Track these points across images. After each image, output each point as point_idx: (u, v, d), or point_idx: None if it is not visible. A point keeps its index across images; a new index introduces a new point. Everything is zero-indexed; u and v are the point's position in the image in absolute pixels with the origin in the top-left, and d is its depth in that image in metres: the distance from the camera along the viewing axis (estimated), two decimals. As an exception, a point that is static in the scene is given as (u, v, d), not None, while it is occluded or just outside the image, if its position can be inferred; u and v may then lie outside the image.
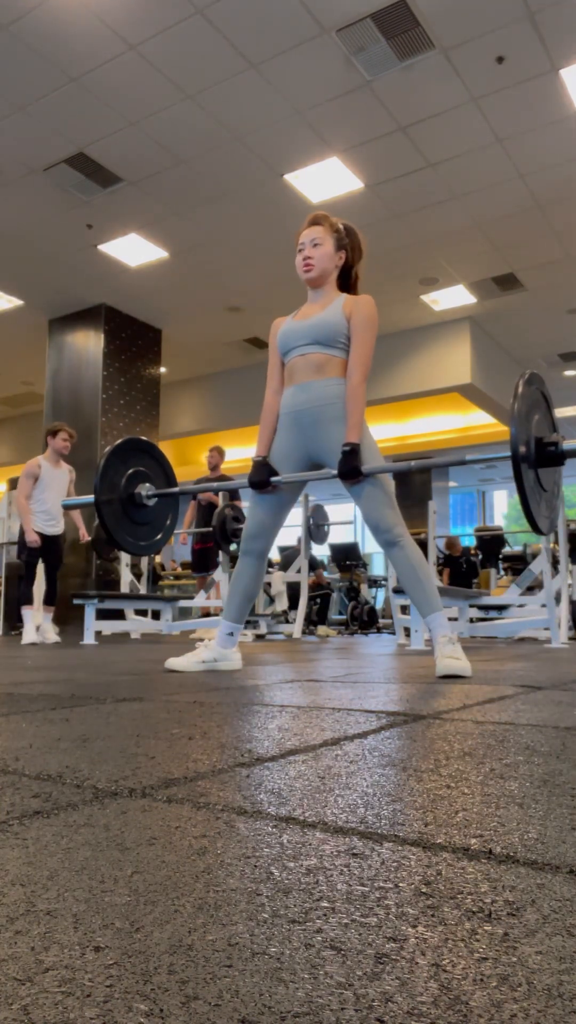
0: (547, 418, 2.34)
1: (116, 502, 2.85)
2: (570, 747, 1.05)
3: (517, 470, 2.09)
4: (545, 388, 2.37)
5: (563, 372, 11.24)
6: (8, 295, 8.93)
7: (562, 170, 6.37)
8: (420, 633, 4.48)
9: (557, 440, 2.22)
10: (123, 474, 2.88)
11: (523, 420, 2.13)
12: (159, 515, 3.02)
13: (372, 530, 2.44)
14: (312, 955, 0.41)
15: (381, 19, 4.76)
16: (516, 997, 0.36)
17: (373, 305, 2.51)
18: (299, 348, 2.52)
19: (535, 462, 2.19)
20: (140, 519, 2.93)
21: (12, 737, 1.16)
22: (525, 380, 2.22)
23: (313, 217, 2.59)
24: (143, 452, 3.01)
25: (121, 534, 2.83)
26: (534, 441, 2.19)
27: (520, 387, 2.17)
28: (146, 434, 9.58)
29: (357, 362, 2.45)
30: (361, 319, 2.47)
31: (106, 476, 2.82)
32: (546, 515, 2.27)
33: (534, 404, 2.24)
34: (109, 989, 0.37)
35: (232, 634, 2.68)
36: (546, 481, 2.25)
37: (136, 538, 2.91)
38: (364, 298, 2.53)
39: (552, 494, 2.33)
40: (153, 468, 3.02)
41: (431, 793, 0.78)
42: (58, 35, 4.95)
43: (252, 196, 6.78)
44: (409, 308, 9.20)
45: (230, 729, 1.22)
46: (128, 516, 2.87)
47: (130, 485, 2.90)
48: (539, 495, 2.21)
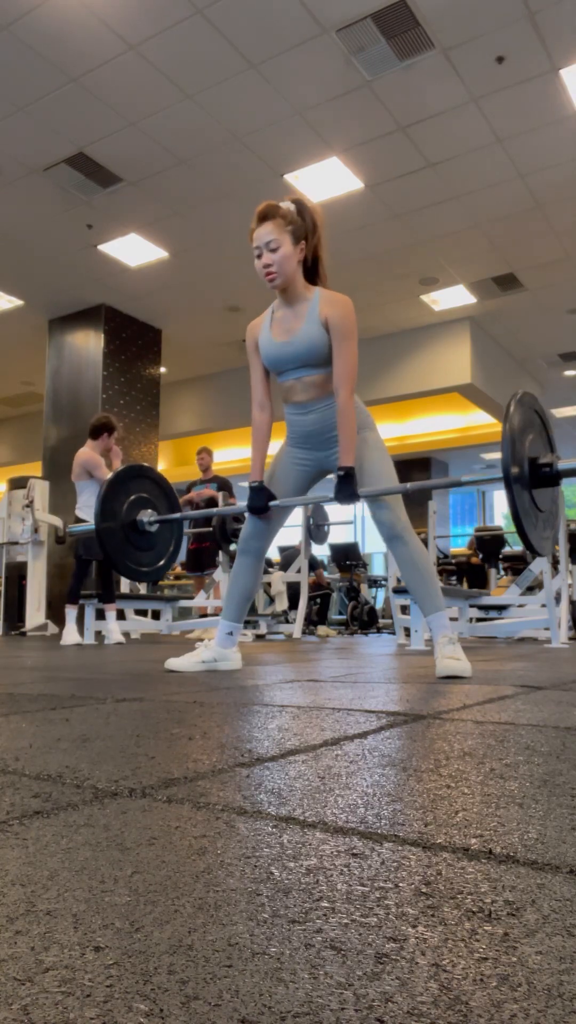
0: (542, 437, 2.28)
1: (118, 529, 2.84)
2: (570, 747, 1.05)
3: (510, 492, 2.04)
4: (540, 406, 2.32)
5: (563, 372, 11.24)
6: (8, 295, 8.93)
7: (562, 170, 6.37)
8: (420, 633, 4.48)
9: (552, 461, 2.16)
10: (125, 501, 2.88)
11: (514, 441, 2.08)
12: (162, 541, 3.02)
13: (377, 526, 2.45)
14: (312, 955, 0.41)
15: (381, 19, 4.76)
16: (516, 997, 0.36)
17: (350, 306, 2.38)
18: (291, 372, 2.46)
19: (529, 483, 2.14)
20: (143, 545, 2.93)
21: (12, 737, 1.16)
22: (517, 400, 2.16)
23: (262, 212, 2.36)
24: (145, 478, 3.01)
25: (123, 561, 2.83)
26: (527, 462, 2.14)
27: (511, 407, 2.12)
28: (146, 434, 9.59)
29: (342, 377, 2.36)
30: (339, 330, 2.35)
31: (107, 503, 2.82)
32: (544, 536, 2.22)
33: (527, 424, 2.18)
34: (109, 989, 0.37)
35: (232, 634, 2.68)
36: (542, 501, 2.20)
37: (139, 564, 2.92)
38: (339, 301, 2.38)
39: (550, 514, 2.28)
40: (155, 494, 3.01)
41: (431, 793, 0.78)
42: (58, 35, 4.95)
43: (252, 196, 6.77)
44: (409, 308, 9.20)
45: (230, 729, 1.22)
46: (131, 542, 2.87)
47: (132, 512, 2.90)
48: (535, 516, 2.16)
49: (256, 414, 2.53)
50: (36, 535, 7.69)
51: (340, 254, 7.83)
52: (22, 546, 7.84)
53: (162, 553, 3.02)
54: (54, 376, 9.48)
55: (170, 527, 3.04)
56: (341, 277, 8.34)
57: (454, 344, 9.47)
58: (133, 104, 5.63)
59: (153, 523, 2.93)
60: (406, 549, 2.39)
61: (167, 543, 3.05)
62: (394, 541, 2.41)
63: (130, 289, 8.73)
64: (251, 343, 2.54)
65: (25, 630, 7.55)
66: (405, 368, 9.81)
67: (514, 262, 7.99)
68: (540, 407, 2.31)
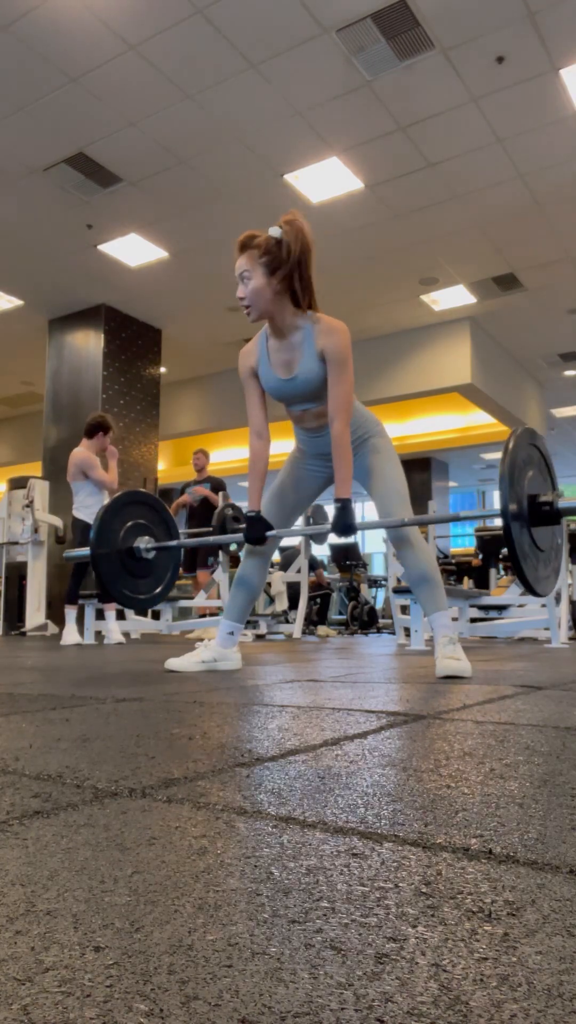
0: (543, 474, 2.21)
1: (114, 556, 2.78)
2: (570, 747, 1.05)
3: (507, 532, 1.98)
4: (540, 442, 2.22)
5: (563, 372, 11.24)
6: (8, 295, 8.93)
7: (562, 170, 6.37)
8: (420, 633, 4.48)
9: (552, 499, 2.09)
10: (121, 528, 2.83)
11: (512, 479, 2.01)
12: (160, 567, 2.96)
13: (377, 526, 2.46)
14: (312, 955, 0.41)
15: (381, 19, 4.76)
16: (516, 997, 0.36)
17: (345, 334, 2.30)
18: (299, 405, 2.44)
19: (528, 521, 2.08)
20: (139, 572, 2.87)
21: (12, 737, 1.16)
22: (516, 436, 2.09)
23: (240, 242, 2.32)
24: (142, 504, 2.96)
25: (119, 589, 2.76)
26: (527, 500, 2.07)
27: (510, 445, 2.05)
28: (146, 434, 9.59)
29: (337, 409, 2.30)
30: (334, 359, 2.29)
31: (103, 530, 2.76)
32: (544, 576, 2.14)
33: (527, 461, 2.11)
34: (109, 989, 0.37)
35: (232, 634, 2.68)
36: (542, 540, 2.13)
37: (136, 592, 2.84)
38: (334, 330, 2.29)
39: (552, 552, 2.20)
40: (153, 520, 2.96)
41: (431, 793, 0.78)
42: (58, 35, 4.95)
43: (252, 196, 6.78)
44: (409, 308, 9.20)
45: (230, 729, 1.22)
46: (127, 570, 2.81)
47: (129, 538, 2.85)
48: (535, 557, 2.09)
49: (254, 443, 2.47)
50: (36, 535, 7.69)
51: (340, 254, 7.83)
52: (22, 546, 7.84)
53: (160, 579, 2.96)
54: (54, 376, 9.48)
55: (168, 553, 2.99)
56: (341, 277, 8.35)
57: (454, 344, 9.47)
58: (133, 104, 5.63)
59: (150, 550, 2.87)
60: (414, 553, 2.41)
61: (165, 569, 2.99)
62: (400, 542, 2.42)
63: (130, 289, 8.73)
64: (245, 371, 2.47)
65: (25, 630, 7.55)
66: (405, 368, 9.81)
67: (514, 262, 7.99)
68: (541, 442, 2.24)
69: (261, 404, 2.48)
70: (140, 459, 9.43)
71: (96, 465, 5.46)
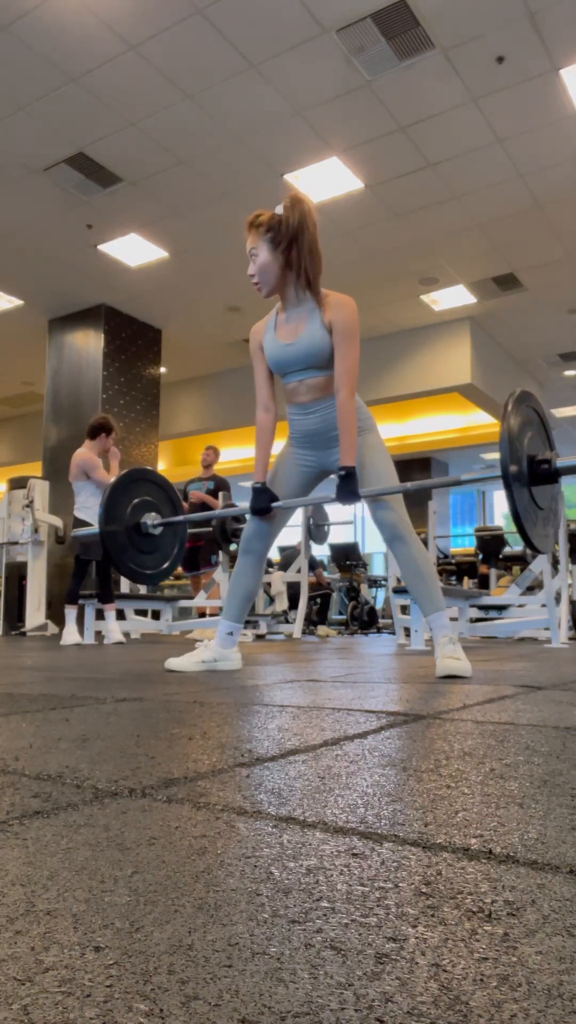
0: (541, 435, 2.27)
1: (122, 532, 2.85)
2: (570, 747, 1.05)
3: (509, 490, 2.03)
4: (538, 405, 2.30)
5: (563, 372, 11.24)
6: (8, 295, 8.93)
7: (562, 170, 6.37)
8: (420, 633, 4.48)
9: (551, 458, 2.16)
10: (128, 504, 2.89)
11: (513, 439, 2.07)
12: (166, 543, 3.02)
13: (378, 526, 2.46)
14: (312, 955, 0.41)
15: (381, 19, 4.76)
16: (516, 997, 0.36)
17: (353, 308, 2.40)
18: (295, 374, 2.48)
19: (528, 481, 2.14)
20: (147, 548, 2.94)
21: (12, 737, 1.16)
22: (515, 399, 2.15)
23: (248, 222, 2.43)
24: (148, 482, 3.02)
25: (127, 564, 2.84)
26: (526, 459, 2.14)
27: (510, 406, 2.11)
28: (146, 434, 9.59)
29: (344, 376, 2.38)
30: (342, 330, 2.37)
31: (111, 507, 2.83)
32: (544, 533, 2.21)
33: (526, 422, 2.17)
34: (109, 989, 0.37)
35: (232, 634, 2.68)
36: (541, 499, 2.20)
37: (143, 567, 2.92)
38: (343, 302, 2.39)
39: (549, 511, 2.27)
40: (159, 497, 3.02)
41: (431, 793, 0.78)
42: (58, 35, 4.95)
43: (252, 196, 6.78)
44: (409, 308, 9.20)
45: (230, 729, 1.22)
46: (134, 545, 2.88)
47: (136, 515, 2.91)
48: (534, 514, 2.15)
49: (260, 415, 2.54)
50: (36, 535, 7.69)
51: (340, 254, 7.83)
52: (22, 546, 7.84)
53: (166, 555, 3.03)
54: (54, 376, 9.48)
55: (173, 530, 3.05)
56: (341, 277, 8.34)
57: (454, 344, 9.47)
58: (133, 104, 5.63)
59: (157, 526, 2.93)
60: (407, 549, 2.40)
61: (171, 545, 3.05)
62: (395, 541, 2.42)
63: (130, 289, 8.73)
64: (255, 345, 2.55)
65: (25, 630, 7.55)
66: (405, 368, 9.81)
67: (514, 262, 7.99)
68: (539, 405, 2.30)
69: (268, 379, 2.55)
70: (140, 459, 9.43)
71: (98, 466, 5.46)
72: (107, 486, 2.93)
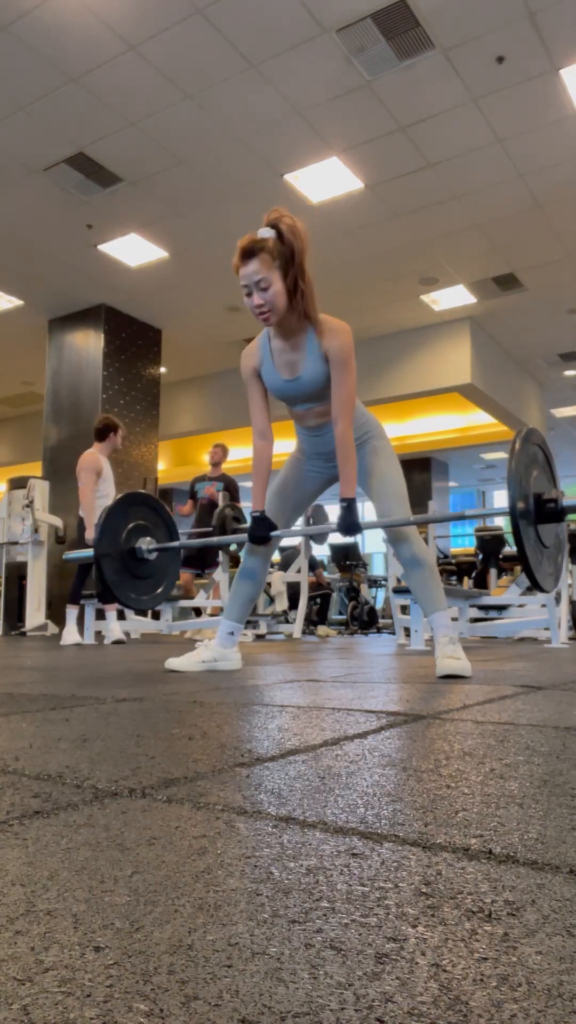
0: (546, 473, 2.27)
1: (116, 556, 2.79)
2: (570, 747, 1.05)
3: (516, 529, 2.02)
4: (543, 443, 2.29)
5: (563, 372, 11.24)
6: (8, 295, 8.93)
7: (562, 170, 6.37)
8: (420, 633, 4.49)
9: (557, 496, 2.15)
10: (123, 528, 2.84)
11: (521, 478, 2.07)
12: (160, 568, 2.97)
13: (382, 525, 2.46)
14: (312, 955, 0.41)
15: (381, 19, 4.76)
16: (516, 997, 0.36)
17: (348, 335, 2.31)
18: (299, 405, 2.46)
19: (535, 519, 2.13)
20: (141, 573, 2.88)
21: (12, 737, 1.16)
22: (522, 437, 2.15)
23: (246, 248, 2.25)
24: (144, 505, 2.97)
25: (123, 590, 2.77)
26: (533, 498, 2.13)
27: (517, 445, 2.11)
28: (146, 434, 9.59)
29: (341, 407, 2.31)
30: (337, 360, 2.29)
31: (106, 530, 2.77)
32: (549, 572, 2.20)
33: (532, 460, 2.17)
34: (109, 989, 0.37)
35: (232, 634, 2.68)
36: (547, 537, 2.19)
37: (138, 593, 2.85)
38: (337, 331, 2.30)
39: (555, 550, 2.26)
40: (154, 521, 2.97)
41: (431, 793, 0.78)
42: (58, 35, 4.95)
43: (252, 196, 6.78)
44: (409, 308, 9.20)
45: (230, 729, 1.22)
46: (128, 570, 2.82)
47: (131, 539, 2.86)
48: (540, 552, 2.14)
49: (257, 443, 2.47)
50: (36, 535, 7.69)
51: (340, 254, 7.83)
52: (22, 546, 7.84)
53: (160, 581, 2.96)
54: (54, 376, 9.48)
55: (168, 555, 3.00)
56: (341, 277, 8.35)
57: (454, 344, 9.47)
58: (133, 104, 5.63)
59: (152, 551, 2.87)
60: (410, 549, 2.41)
61: (164, 571, 2.99)
62: (399, 542, 2.43)
63: (130, 289, 8.73)
64: (248, 371, 2.46)
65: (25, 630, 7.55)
66: (405, 368, 9.81)
67: (514, 262, 7.99)
68: (543, 442, 2.29)
69: (264, 405, 2.48)
70: (140, 459, 9.43)
71: (91, 469, 5.46)
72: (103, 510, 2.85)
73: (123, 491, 3.02)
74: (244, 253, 2.25)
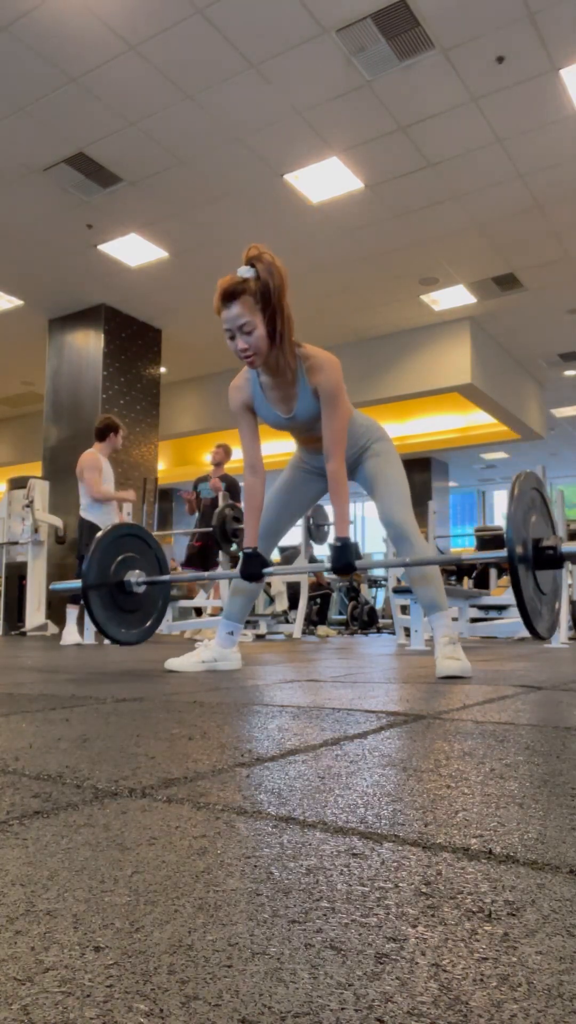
0: (545, 518, 2.23)
1: (104, 589, 2.73)
2: (570, 747, 1.05)
3: (514, 575, 1.97)
4: (542, 487, 2.26)
5: (563, 372, 11.24)
6: (8, 295, 8.93)
7: (562, 170, 6.37)
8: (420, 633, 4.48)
9: (555, 543, 2.10)
10: (113, 560, 2.78)
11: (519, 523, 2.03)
12: (149, 602, 2.90)
13: (384, 524, 2.46)
14: (312, 955, 0.41)
15: (381, 19, 4.76)
16: (516, 997, 0.36)
17: (335, 368, 2.28)
18: (298, 433, 2.49)
19: (533, 565, 2.09)
20: (129, 606, 2.81)
21: (12, 737, 1.16)
22: (520, 481, 2.11)
23: (228, 291, 2.19)
24: (135, 538, 2.91)
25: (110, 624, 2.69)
26: (531, 543, 2.09)
27: (515, 489, 2.07)
28: (146, 434, 9.59)
29: (331, 444, 2.29)
30: (326, 395, 2.27)
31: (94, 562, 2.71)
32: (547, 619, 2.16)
33: (531, 505, 2.13)
34: (109, 989, 0.37)
35: (232, 633, 2.68)
36: (544, 584, 2.15)
37: (126, 627, 2.78)
38: (325, 366, 2.27)
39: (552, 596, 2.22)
40: (144, 554, 2.91)
41: (431, 793, 0.78)
42: (58, 35, 4.95)
43: (252, 196, 6.78)
44: (409, 308, 9.20)
45: (230, 729, 1.22)
46: (116, 604, 2.76)
47: (119, 572, 2.79)
48: (538, 599, 2.11)
49: (248, 478, 2.46)
50: (36, 535, 7.68)
51: (340, 254, 7.83)
52: (22, 546, 7.84)
53: (148, 614, 2.90)
54: (54, 376, 9.48)
55: (157, 588, 2.94)
56: (341, 277, 8.35)
57: (454, 344, 9.47)
58: (133, 104, 5.63)
59: (140, 584, 2.82)
60: (412, 548, 2.40)
61: (154, 604, 2.93)
62: (401, 541, 2.42)
63: (130, 289, 8.73)
64: (238, 405, 2.44)
65: (25, 630, 7.55)
66: (405, 368, 9.81)
67: (514, 262, 7.99)
68: (541, 485, 2.26)
69: (254, 438, 2.46)
70: (140, 459, 9.43)
71: (94, 467, 5.44)
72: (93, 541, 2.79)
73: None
74: (225, 295, 2.20)
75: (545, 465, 5.22)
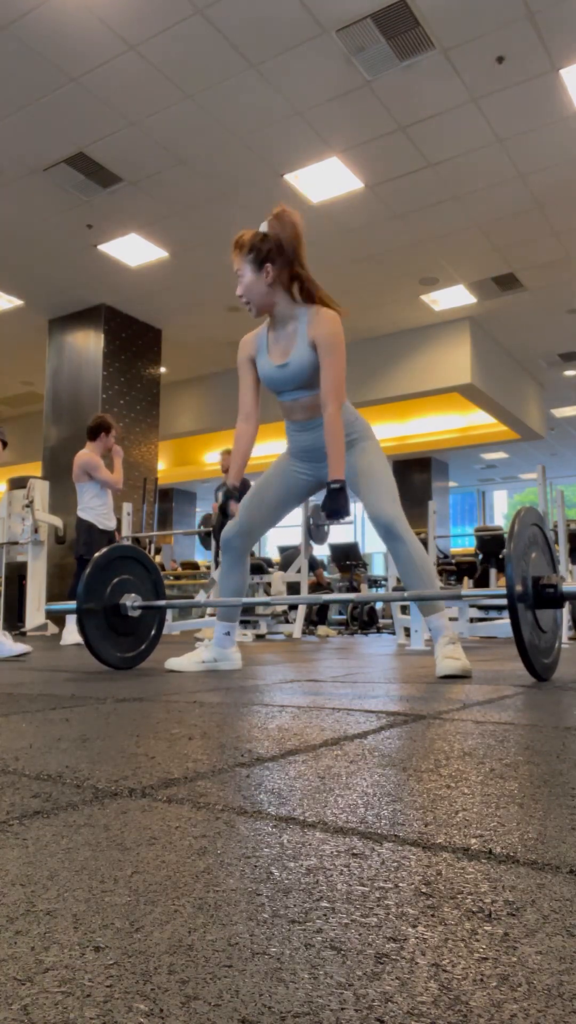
0: (546, 556, 2.20)
1: (99, 612, 2.69)
2: (570, 747, 1.05)
3: (514, 614, 1.94)
4: (541, 520, 2.23)
5: (563, 372, 11.24)
6: (8, 295, 8.93)
7: (562, 170, 6.37)
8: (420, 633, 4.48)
9: (556, 582, 2.07)
10: (108, 583, 2.74)
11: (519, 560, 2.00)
12: (144, 626, 2.86)
13: (374, 523, 2.44)
14: (312, 955, 0.41)
15: (381, 19, 4.76)
16: (516, 997, 0.36)
17: (336, 322, 2.36)
18: (287, 393, 2.49)
19: (533, 604, 2.05)
20: (124, 630, 2.77)
21: (12, 737, 1.16)
22: (520, 518, 2.08)
23: (232, 242, 2.44)
24: (131, 560, 2.87)
25: (104, 647, 2.66)
26: (531, 582, 2.05)
27: (516, 525, 2.05)
28: (146, 434, 9.59)
29: (329, 390, 2.33)
30: (324, 344, 2.33)
31: (90, 584, 2.68)
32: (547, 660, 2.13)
33: (531, 542, 2.10)
34: (109, 989, 0.37)
35: (229, 633, 2.68)
36: (545, 623, 2.12)
37: (121, 651, 2.73)
38: (325, 319, 2.35)
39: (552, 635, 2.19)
40: (140, 577, 2.87)
41: (431, 793, 0.78)
42: (58, 35, 4.95)
43: (252, 196, 6.78)
44: (409, 308, 9.20)
45: (230, 729, 1.22)
46: (111, 627, 2.72)
47: (115, 595, 2.75)
48: (538, 639, 2.07)
49: (240, 424, 2.57)
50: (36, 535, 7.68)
51: (340, 254, 7.83)
52: (22, 546, 7.83)
53: (143, 638, 2.85)
54: (54, 376, 9.47)
55: (152, 612, 2.91)
56: (341, 277, 8.34)
57: (454, 344, 9.47)
58: (133, 104, 5.63)
59: (136, 608, 2.78)
60: (405, 549, 2.39)
61: (149, 628, 2.89)
62: (393, 541, 2.41)
63: (130, 289, 8.73)
64: (243, 357, 2.56)
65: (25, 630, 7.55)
66: (405, 368, 9.81)
67: (514, 262, 7.99)
68: (541, 521, 2.24)
69: (253, 389, 2.57)
70: (140, 459, 9.43)
71: (99, 466, 5.45)
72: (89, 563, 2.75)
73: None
74: (232, 246, 2.45)
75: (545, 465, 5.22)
